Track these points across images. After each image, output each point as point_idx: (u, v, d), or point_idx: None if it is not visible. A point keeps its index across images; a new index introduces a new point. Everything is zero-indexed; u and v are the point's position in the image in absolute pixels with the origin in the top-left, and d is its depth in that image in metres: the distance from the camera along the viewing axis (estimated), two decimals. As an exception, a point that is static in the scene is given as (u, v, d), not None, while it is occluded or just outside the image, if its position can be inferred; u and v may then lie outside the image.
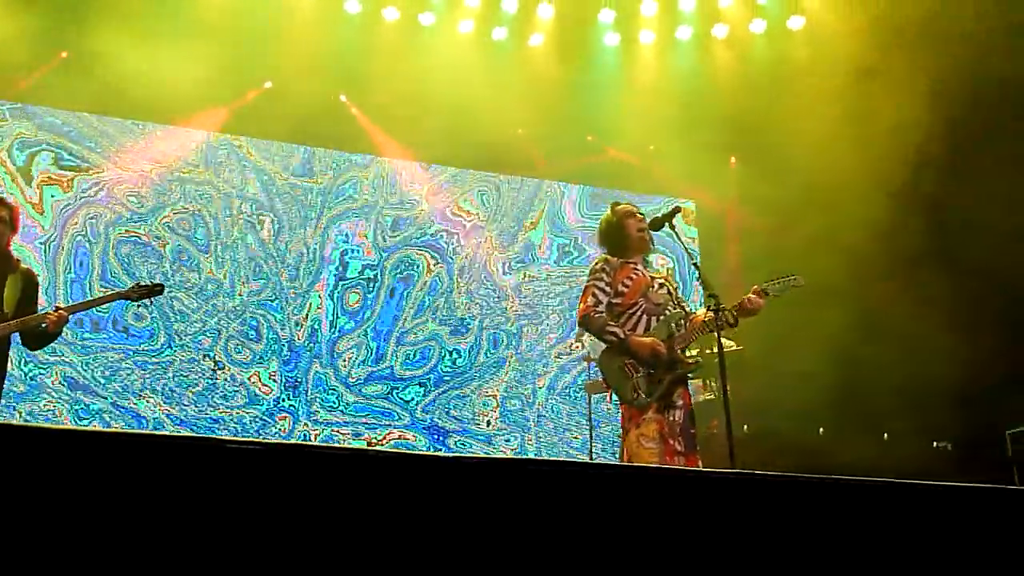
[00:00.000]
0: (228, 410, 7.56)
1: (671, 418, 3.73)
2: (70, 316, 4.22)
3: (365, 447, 7.03)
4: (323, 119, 8.24)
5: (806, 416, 7.65)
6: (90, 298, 5.67)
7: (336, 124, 8.45)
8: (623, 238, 4.00)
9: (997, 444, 7.28)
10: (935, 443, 7.52)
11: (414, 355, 8.23)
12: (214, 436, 1.48)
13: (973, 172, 6.92)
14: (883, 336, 7.41)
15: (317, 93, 8.07)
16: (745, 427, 7.10)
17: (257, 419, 7.60)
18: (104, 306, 6.41)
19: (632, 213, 4.04)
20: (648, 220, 4.02)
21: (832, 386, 7.53)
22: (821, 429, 7.52)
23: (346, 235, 8.38)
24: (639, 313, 3.85)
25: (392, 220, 8.56)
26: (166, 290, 4.78)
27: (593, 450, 6.95)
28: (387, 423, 7.96)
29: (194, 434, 7.21)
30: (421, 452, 7.68)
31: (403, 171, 8.76)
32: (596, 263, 3.99)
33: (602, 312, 3.84)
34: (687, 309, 4.00)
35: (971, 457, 7.27)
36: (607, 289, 3.88)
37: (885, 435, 7.48)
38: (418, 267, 8.51)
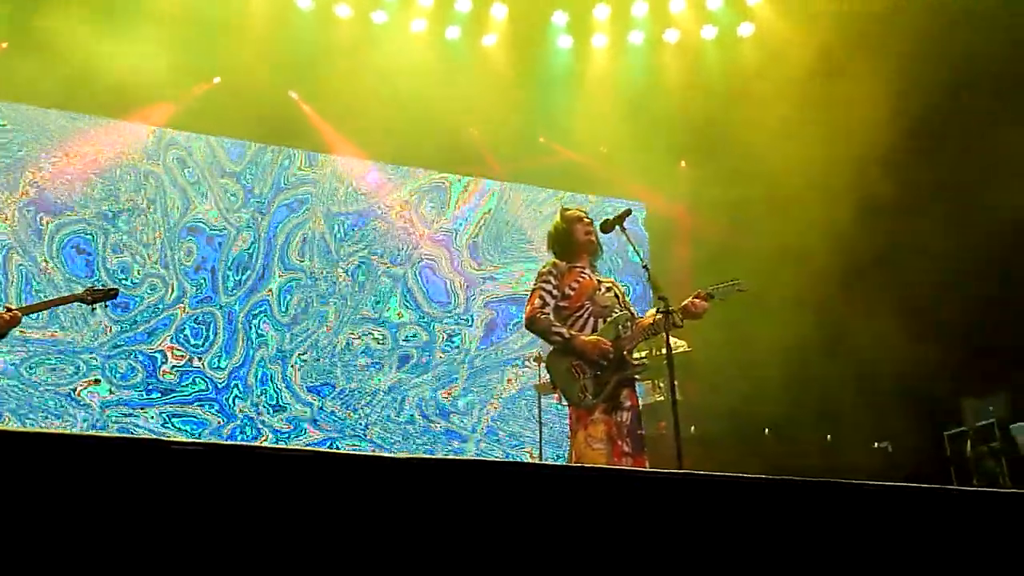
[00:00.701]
0: (178, 407, 7.41)
1: (619, 419, 3.75)
2: (23, 316, 4.23)
3: (306, 448, 6.97)
4: (273, 116, 8.13)
5: (753, 417, 7.77)
6: (45, 299, 5.61)
7: (286, 121, 8.33)
8: (570, 243, 4.04)
9: (939, 445, 7.50)
10: (876, 444, 7.69)
11: (362, 357, 8.16)
12: (160, 437, 1.44)
13: (929, 174, 7.05)
14: (830, 339, 7.56)
15: (267, 89, 7.96)
16: (692, 428, 7.18)
17: (203, 420, 7.47)
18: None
19: (580, 218, 4.08)
20: (599, 222, 4.06)
21: (779, 388, 7.67)
22: (767, 430, 7.65)
23: (295, 233, 8.27)
24: (586, 316, 3.87)
25: (342, 219, 8.48)
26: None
27: (543, 451, 6.96)
28: (335, 426, 7.88)
29: (133, 435, 7.06)
30: (368, 453, 7.61)
31: (354, 169, 8.68)
32: (544, 267, 4.02)
33: (548, 314, 3.86)
34: (634, 312, 4.03)
35: (912, 458, 7.47)
36: (554, 292, 3.90)
37: (828, 436, 7.64)
38: (368, 267, 8.43)
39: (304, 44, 7.86)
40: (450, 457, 7.77)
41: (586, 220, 4.08)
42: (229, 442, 7.43)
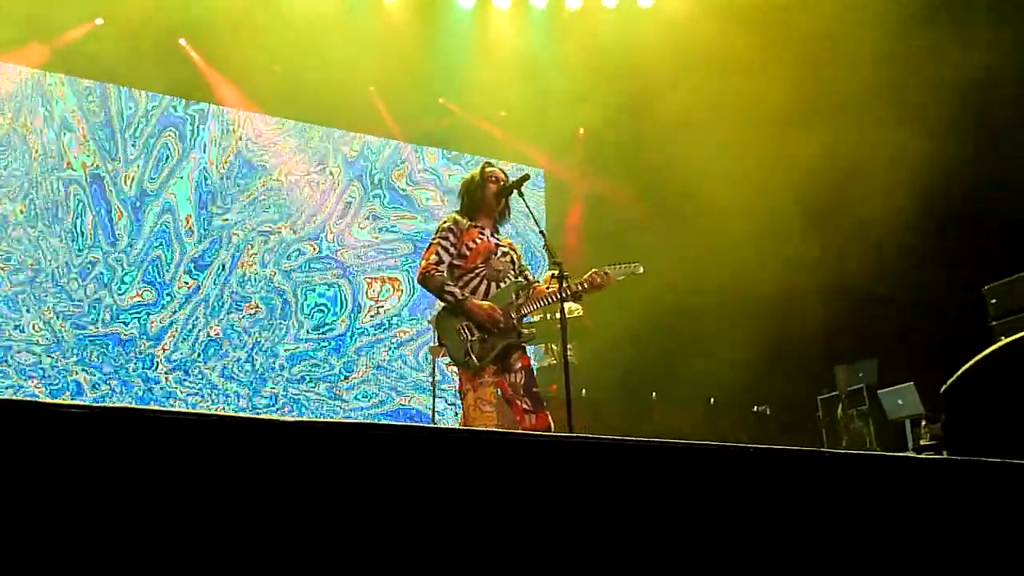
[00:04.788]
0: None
1: (513, 380, 3.77)
2: None
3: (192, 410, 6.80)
4: (158, 62, 7.71)
5: (640, 381, 7.99)
6: None
7: (172, 68, 7.93)
8: (479, 199, 3.97)
9: (814, 408, 7.93)
10: (755, 408, 8.05)
11: (257, 319, 7.97)
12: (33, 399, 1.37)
13: (817, 148, 7.30)
14: (716, 306, 7.82)
15: (153, 35, 7.55)
16: (584, 391, 7.33)
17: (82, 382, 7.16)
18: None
19: (497, 179, 4.01)
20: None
21: (665, 352, 7.91)
22: (654, 393, 7.88)
23: (180, 188, 7.94)
24: (479, 277, 3.84)
25: (228, 173, 8.19)
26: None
27: (435, 413, 6.97)
28: (231, 391, 7.69)
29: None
30: (265, 416, 7.45)
31: (244, 122, 8.38)
32: (444, 221, 3.95)
33: (442, 271, 3.82)
34: (530, 278, 4.04)
35: (790, 420, 7.87)
36: (451, 249, 3.85)
37: (711, 399, 7.94)
38: (257, 226, 8.20)
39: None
40: (343, 420, 7.71)
41: (501, 184, 4.02)
42: (103, 405, 7.16)
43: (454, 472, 1.35)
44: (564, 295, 3.78)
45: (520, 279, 3.94)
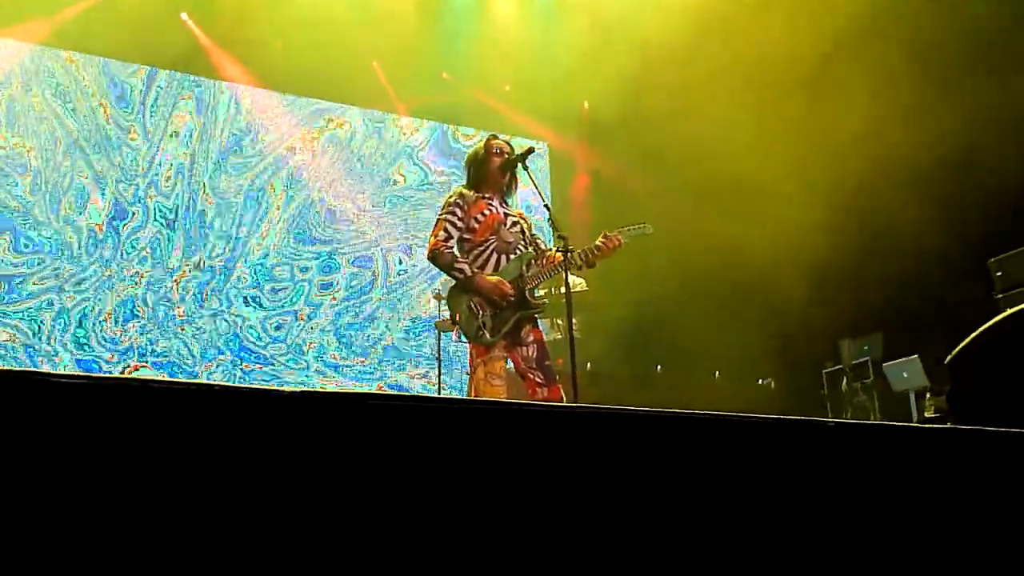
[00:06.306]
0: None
1: (525, 354, 3.77)
2: None
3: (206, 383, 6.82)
4: (159, 37, 7.68)
5: (645, 355, 8.00)
6: None
7: (174, 43, 7.89)
8: (483, 172, 3.94)
9: (819, 382, 7.94)
10: (760, 380, 8.07)
11: (269, 292, 7.98)
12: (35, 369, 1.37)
13: (815, 118, 7.24)
14: (720, 281, 7.82)
15: (154, 9, 7.51)
16: (588, 364, 7.36)
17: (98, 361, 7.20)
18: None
19: (502, 152, 3.98)
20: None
21: (670, 327, 7.91)
22: (659, 367, 7.90)
23: (184, 162, 7.93)
24: (490, 251, 3.83)
25: (234, 148, 8.18)
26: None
27: (442, 387, 7.01)
28: (246, 360, 7.72)
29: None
30: (270, 387, 7.49)
31: (247, 97, 8.35)
32: (451, 196, 3.92)
33: (452, 247, 3.81)
34: (541, 247, 4.02)
35: (794, 394, 7.88)
36: (459, 224, 3.83)
37: (716, 373, 7.96)
38: (264, 200, 8.19)
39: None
40: (348, 391, 7.70)
41: (506, 156, 3.99)
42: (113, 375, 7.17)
43: (465, 443, 1.36)
44: (574, 263, 3.76)
45: (530, 250, 3.92)
